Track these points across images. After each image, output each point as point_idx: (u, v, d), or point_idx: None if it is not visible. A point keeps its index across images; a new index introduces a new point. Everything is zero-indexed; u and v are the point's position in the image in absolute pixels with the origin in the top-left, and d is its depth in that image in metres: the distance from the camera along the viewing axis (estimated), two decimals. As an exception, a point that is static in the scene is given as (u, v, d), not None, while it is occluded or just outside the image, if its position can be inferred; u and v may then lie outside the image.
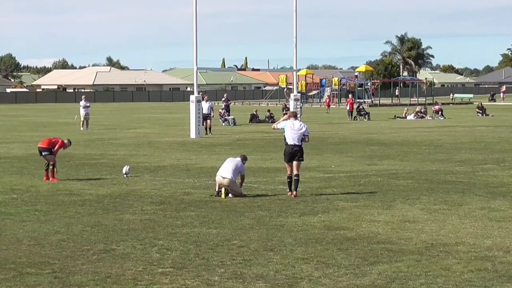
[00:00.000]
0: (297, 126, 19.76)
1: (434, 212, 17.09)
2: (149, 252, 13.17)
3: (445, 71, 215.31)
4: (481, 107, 69.68)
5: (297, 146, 19.60)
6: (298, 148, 19.60)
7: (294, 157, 19.58)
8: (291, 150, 19.63)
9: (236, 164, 19.65)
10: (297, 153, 19.59)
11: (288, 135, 19.78)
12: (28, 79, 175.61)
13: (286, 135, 19.94)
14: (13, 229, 15.28)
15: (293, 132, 19.66)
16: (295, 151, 19.59)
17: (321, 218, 16.46)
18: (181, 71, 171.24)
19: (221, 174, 19.44)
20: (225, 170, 19.48)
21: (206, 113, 45.12)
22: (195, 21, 43.15)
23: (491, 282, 11.17)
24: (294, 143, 19.63)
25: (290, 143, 19.71)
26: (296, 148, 19.59)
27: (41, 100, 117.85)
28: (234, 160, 19.83)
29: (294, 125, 19.78)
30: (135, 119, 64.86)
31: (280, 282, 11.23)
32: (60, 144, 22.84)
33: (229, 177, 19.29)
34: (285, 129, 19.92)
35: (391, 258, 12.63)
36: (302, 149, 19.71)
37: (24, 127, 49.76)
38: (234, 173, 19.40)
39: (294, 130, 19.67)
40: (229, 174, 19.32)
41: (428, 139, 39.45)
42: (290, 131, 19.73)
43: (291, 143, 19.67)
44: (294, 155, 19.59)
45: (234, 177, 19.37)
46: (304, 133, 19.68)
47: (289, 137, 19.73)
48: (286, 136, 19.89)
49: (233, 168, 19.43)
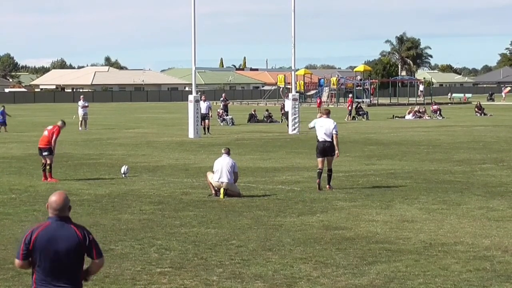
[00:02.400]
0: (327, 124, 20.64)
1: (432, 212, 17.10)
2: (148, 252, 13.17)
3: (443, 70, 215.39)
4: (480, 107, 69.72)
5: (328, 142, 20.51)
6: (329, 144, 20.51)
7: (326, 153, 20.55)
8: (322, 146, 20.59)
9: (228, 164, 19.57)
10: (329, 149, 20.51)
11: (319, 132, 20.67)
12: (26, 79, 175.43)
13: (317, 132, 20.79)
14: (11, 229, 15.28)
15: (323, 129, 20.57)
16: (327, 147, 20.54)
17: (319, 217, 16.46)
18: (179, 71, 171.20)
19: (219, 179, 19.37)
20: (220, 174, 19.41)
21: (205, 113, 45.13)
22: (193, 21, 43.14)
23: (490, 282, 11.18)
24: (325, 139, 20.57)
25: (321, 139, 20.65)
26: (328, 144, 20.52)
27: (40, 100, 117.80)
28: (225, 161, 19.66)
29: (324, 123, 20.67)
30: (133, 119, 64.84)
31: (278, 282, 11.23)
32: (57, 131, 22.86)
33: (227, 181, 19.32)
34: (316, 126, 20.81)
35: (389, 258, 12.64)
36: (333, 145, 20.55)
37: (22, 127, 49.74)
38: (230, 174, 19.40)
39: (324, 127, 20.59)
40: (226, 178, 19.31)
41: (427, 139, 39.47)
42: (320, 129, 20.63)
43: (322, 139, 20.60)
44: (325, 150, 20.56)
45: (231, 179, 19.38)
46: (333, 130, 20.52)
47: (320, 134, 20.66)
48: (317, 133, 20.76)
49: (228, 170, 19.41)
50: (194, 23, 43.17)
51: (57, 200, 7.12)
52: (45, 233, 7.05)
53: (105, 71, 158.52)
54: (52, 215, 7.12)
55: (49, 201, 7.14)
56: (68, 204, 7.16)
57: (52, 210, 7.13)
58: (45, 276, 7.03)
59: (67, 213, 7.15)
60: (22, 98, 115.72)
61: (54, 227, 7.07)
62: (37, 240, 7.03)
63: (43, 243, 7.01)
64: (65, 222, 7.10)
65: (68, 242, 7.01)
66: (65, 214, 7.13)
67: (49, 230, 7.07)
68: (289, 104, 47.16)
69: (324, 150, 20.57)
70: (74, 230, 7.08)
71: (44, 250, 7.00)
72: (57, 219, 7.11)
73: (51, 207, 7.13)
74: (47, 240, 7.02)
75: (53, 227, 7.08)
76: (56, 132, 22.87)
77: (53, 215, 7.12)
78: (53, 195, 7.18)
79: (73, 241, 7.03)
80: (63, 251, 6.99)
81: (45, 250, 7.00)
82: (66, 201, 7.14)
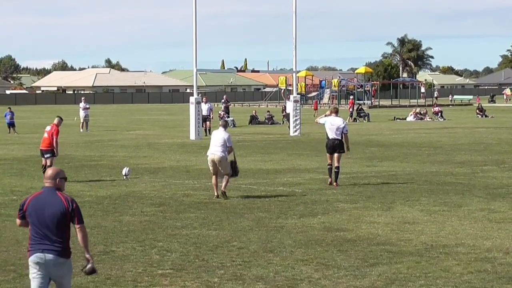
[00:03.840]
0: (337, 122, 21.67)
1: (433, 214, 17.10)
2: (149, 253, 13.18)
3: (444, 72, 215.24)
4: (481, 109, 69.71)
5: (337, 140, 21.62)
6: (338, 141, 21.63)
7: (335, 150, 21.63)
8: (332, 144, 21.69)
9: (223, 138, 19.62)
10: (337, 146, 21.61)
11: (329, 130, 21.73)
12: (27, 81, 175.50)
13: (327, 130, 21.82)
14: (13, 231, 15.28)
15: (334, 127, 21.61)
16: (336, 144, 21.65)
17: (320, 219, 16.46)
18: (180, 73, 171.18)
19: (212, 151, 19.49)
20: (215, 147, 19.53)
21: (206, 115, 45.14)
22: (194, 23, 43.15)
23: (491, 284, 11.18)
24: (334, 137, 21.64)
25: (331, 137, 21.73)
26: (337, 142, 21.63)
27: (41, 101, 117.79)
28: (220, 134, 19.70)
29: (334, 121, 21.69)
30: (134, 120, 64.85)
31: (279, 284, 11.23)
32: (56, 131, 22.89)
33: (220, 154, 19.40)
34: (325, 124, 21.76)
35: (390, 260, 12.64)
36: (342, 143, 21.69)
37: (23, 129, 49.76)
38: (224, 148, 19.47)
39: (335, 126, 21.61)
40: (219, 151, 19.41)
41: (428, 141, 39.46)
42: (330, 127, 21.66)
43: (332, 137, 21.69)
44: (335, 147, 21.64)
45: (225, 153, 19.48)
46: (343, 129, 21.61)
47: (330, 131, 21.71)
48: (327, 131, 21.80)
49: (222, 143, 19.48)
50: (195, 25, 43.18)
51: (51, 171, 8.59)
52: (36, 200, 8.50)
53: (106, 73, 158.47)
54: (46, 185, 8.54)
55: (46, 173, 8.59)
56: (61, 176, 8.58)
57: (45, 180, 8.57)
58: (36, 234, 8.45)
59: (59, 184, 8.54)
60: (23, 100, 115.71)
61: (44, 195, 8.50)
62: (29, 204, 8.49)
63: (33, 207, 8.45)
64: (55, 191, 8.48)
65: (54, 207, 8.38)
66: (56, 184, 8.52)
67: (40, 197, 8.52)
68: (291, 106, 47.16)
69: (333, 147, 21.63)
70: (60, 199, 8.44)
71: (33, 213, 8.44)
72: (48, 189, 8.53)
73: (45, 176, 8.58)
74: (37, 205, 8.45)
75: (43, 195, 8.51)
76: (55, 133, 22.90)
77: (46, 185, 8.54)
78: (49, 169, 8.67)
79: (59, 207, 8.39)
80: (49, 215, 8.37)
81: (34, 213, 8.43)
82: (57, 173, 8.57)
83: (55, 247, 8.39)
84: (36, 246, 8.42)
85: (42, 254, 8.39)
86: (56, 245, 8.38)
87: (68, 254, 8.50)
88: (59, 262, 8.42)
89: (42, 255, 8.39)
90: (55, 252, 8.40)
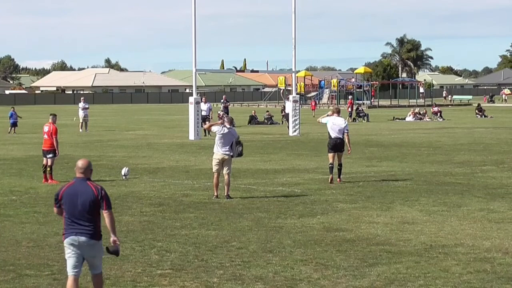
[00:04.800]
0: (339, 122, 22.30)
1: (433, 214, 17.10)
2: (148, 253, 13.17)
3: (444, 72, 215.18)
4: (480, 109, 69.70)
5: (339, 139, 22.21)
6: (340, 140, 22.21)
7: (337, 148, 22.19)
8: (334, 143, 22.25)
9: (234, 136, 19.70)
10: (339, 145, 22.18)
11: (331, 130, 22.28)
12: (27, 81, 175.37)
13: (329, 129, 22.36)
14: (12, 231, 15.28)
15: (336, 127, 22.19)
16: (338, 143, 22.22)
17: (320, 219, 16.46)
18: (180, 73, 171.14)
19: (223, 152, 19.45)
20: (226, 147, 19.51)
21: (205, 115, 45.15)
22: (194, 23, 43.15)
23: (490, 284, 11.18)
24: (337, 137, 22.22)
25: (333, 136, 22.28)
26: (339, 141, 22.21)
27: (40, 101, 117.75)
28: (230, 134, 19.67)
29: (336, 121, 22.29)
30: (134, 120, 64.84)
31: (279, 284, 11.23)
32: (54, 131, 22.89)
33: (230, 154, 19.51)
34: (327, 124, 22.33)
35: (390, 260, 12.64)
36: (343, 142, 22.24)
37: (23, 129, 49.72)
38: (233, 146, 19.58)
39: (336, 125, 22.21)
40: (229, 152, 19.50)
41: (427, 141, 39.46)
42: (332, 126, 22.23)
43: (334, 136, 22.24)
44: (337, 146, 22.21)
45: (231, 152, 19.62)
46: (345, 129, 22.22)
47: (332, 131, 22.26)
48: (330, 130, 22.34)
49: (231, 144, 19.53)
50: (195, 25, 43.19)
51: (82, 163, 9.70)
52: (69, 189, 9.62)
53: (106, 73, 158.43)
54: (77, 175, 9.65)
55: (76, 164, 9.68)
56: (90, 168, 9.69)
57: (77, 170, 9.66)
58: (70, 220, 9.55)
59: (89, 174, 9.66)
60: (22, 100, 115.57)
61: (76, 185, 9.62)
62: (64, 194, 9.62)
63: (67, 196, 9.57)
64: (86, 181, 9.60)
65: (85, 195, 9.49)
66: (87, 175, 9.65)
67: (72, 186, 9.63)
68: (290, 106, 47.16)
69: (335, 146, 22.17)
70: (91, 187, 9.56)
71: (67, 201, 9.55)
72: (79, 178, 9.64)
73: (77, 167, 9.66)
74: (70, 194, 9.56)
75: (76, 185, 9.63)
76: (54, 132, 22.90)
77: (77, 175, 9.65)
78: (79, 160, 9.77)
79: (89, 195, 9.50)
80: (82, 202, 9.47)
81: (68, 201, 9.55)
82: (89, 165, 9.70)
83: (87, 230, 9.49)
84: (70, 230, 9.53)
85: (75, 236, 9.50)
86: (88, 229, 9.49)
87: (99, 237, 9.58)
88: (90, 243, 9.52)
89: (75, 238, 9.51)
90: (87, 234, 9.49)
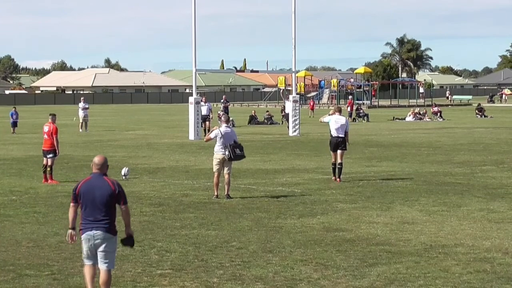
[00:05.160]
0: (341, 121, 22.71)
1: (433, 214, 17.10)
2: (148, 253, 13.18)
3: (444, 72, 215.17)
4: (480, 109, 69.69)
5: (340, 138, 22.62)
6: (342, 139, 22.63)
7: (338, 147, 22.60)
8: (335, 141, 22.64)
9: (234, 134, 19.76)
10: (341, 143, 22.61)
11: (332, 128, 22.67)
12: (27, 81, 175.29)
13: (331, 128, 22.75)
14: (12, 231, 15.28)
15: (338, 125, 22.57)
16: (339, 142, 22.61)
17: (320, 219, 16.46)
18: (180, 73, 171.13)
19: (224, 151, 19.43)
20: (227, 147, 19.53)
21: (205, 115, 45.16)
22: (194, 23, 43.15)
23: (490, 284, 11.18)
24: (338, 135, 22.62)
25: (334, 135, 22.69)
26: (340, 139, 22.62)
27: (40, 101, 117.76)
28: (230, 133, 19.68)
29: (339, 120, 22.72)
30: (134, 120, 64.84)
31: (279, 284, 11.23)
32: (54, 131, 22.89)
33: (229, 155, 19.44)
34: (330, 123, 22.70)
35: (390, 260, 12.64)
36: (345, 140, 22.70)
37: (23, 129, 49.72)
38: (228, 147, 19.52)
39: (338, 124, 22.58)
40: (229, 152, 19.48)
41: (427, 141, 39.46)
42: (334, 124, 22.62)
43: (336, 135, 22.65)
44: (338, 145, 22.62)
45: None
46: (346, 127, 22.70)
47: (333, 129, 22.66)
48: (331, 129, 22.73)
49: (226, 145, 19.51)
50: (195, 25, 43.19)
51: (99, 159, 9.98)
52: (86, 184, 9.89)
53: (106, 73, 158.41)
54: (94, 171, 9.93)
55: (93, 160, 9.97)
56: (106, 164, 9.99)
57: (94, 166, 9.94)
58: (87, 215, 9.84)
59: (105, 170, 9.95)
60: (22, 100, 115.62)
61: (93, 180, 9.89)
62: (81, 188, 9.88)
63: (84, 191, 9.84)
64: (102, 176, 9.89)
65: (102, 190, 9.79)
66: (103, 170, 9.93)
67: (89, 182, 9.90)
68: (290, 106, 47.16)
69: (336, 144, 22.59)
70: (108, 183, 9.85)
71: (85, 196, 9.83)
72: (96, 174, 9.92)
73: (94, 164, 9.95)
74: (87, 189, 9.84)
75: (92, 180, 9.89)
76: (54, 132, 22.90)
77: (94, 171, 9.93)
78: (96, 156, 10.05)
79: (106, 190, 9.80)
80: (99, 197, 9.77)
81: (85, 196, 9.83)
82: (105, 161, 9.99)
83: (103, 225, 9.83)
84: (87, 225, 9.85)
85: (91, 231, 9.81)
86: (104, 223, 9.83)
87: (114, 232, 9.95)
88: (106, 237, 9.87)
89: (91, 233, 9.82)
90: (103, 228, 9.83)
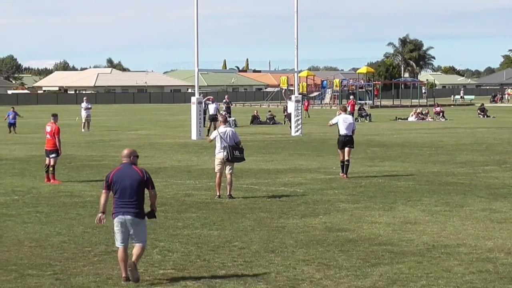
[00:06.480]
0: (349, 120, 23.82)
1: (435, 214, 17.09)
2: (150, 253, 13.17)
3: (446, 72, 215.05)
4: (483, 109, 69.64)
5: (348, 136, 23.50)
6: (349, 137, 23.51)
7: (346, 145, 23.43)
8: (343, 139, 23.51)
9: (234, 135, 19.72)
10: (348, 141, 23.44)
11: (341, 127, 23.52)
12: (29, 81, 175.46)
13: (339, 127, 23.59)
14: (14, 231, 15.28)
15: (345, 124, 23.49)
16: (347, 140, 23.48)
17: (322, 219, 16.46)
18: (182, 73, 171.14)
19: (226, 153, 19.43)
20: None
21: (213, 114, 45.18)
22: (196, 23, 43.14)
23: (493, 284, 11.17)
24: (346, 133, 23.50)
25: (342, 133, 23.57)
26: (348, 138, 23.49)
27: (43, 101, 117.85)
28: (230, 133, 19.68)
29: (347, 118, 23.79)
30: (136, 120, 64.87)
31: (281, 284, 11.23)
32: (57, 130, 22.91)
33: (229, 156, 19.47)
34: (338, 122, 23.53)
35: (392, 260, 12.63)
36: (352, 138, 23.59)
37: (25, 129, 49.76)
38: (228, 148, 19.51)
39: (346, 123, 23.53)
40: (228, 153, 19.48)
41: (429, 141, 39.44)
42: (343, 124, 23.50)
43: (343, 133, 23.52)
44: (346, 143, 23.46)
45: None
46: (354, 126, 23.76)
47: (342, 128, 23.53)
48: (339, 127, 23.56)
49: (225, 146, 19.49)
50: (197, 25, 43.18)
51: (127, 151, 11.37)
52: (118, 173, 11.20)
53: (108, 73, 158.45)
54: (123, 161, 11.28)
55: (122, 152, 11.40)
56: (134, 155, 11.33)
57: (123, 157, 11.32)
58: (118, 200, 11.13)
59: (133, 160, 11.28)
60: (25, 100, 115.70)
61: (124, 169, 11.24)
62: (113, 177, 11.17)
63: (116, 179, 11.14)
64: (131, 165, 11.24)
65: (132, 178, 11.14)
66: (131, 160, 11.27)
67: (120, 171, 11.23)
68: (292, 106, 47.15)
69: (344, 142, 23.42)
70: (136, 171, 11.19)
71: (116, 183, 11.13)
72: (126, 164, 11.27)
73: (123, 155, 11.35)
74: (119, 177, 11.14)
75: (123, 169, 11.24)
76: (57, 132, 22.92)
77: (123, 161, 11.28)
78: (125, 149, 11.49)
79: (136, 177, 11.15)
80: (129, 184, 11.10)
81: (117, 183, 11.12)
82: (132, 152, 11.35)
83: (133, 209, 11.06)
84: (118, 210, 11.12)
85: (123, 216, 11.07)
86: (133, 208, 11.06)
87: (142, 216, 11.15)
88: (135, 221, 11.08)
89: (122, 217, 11.08)
90: (133, 213, 11.06)
